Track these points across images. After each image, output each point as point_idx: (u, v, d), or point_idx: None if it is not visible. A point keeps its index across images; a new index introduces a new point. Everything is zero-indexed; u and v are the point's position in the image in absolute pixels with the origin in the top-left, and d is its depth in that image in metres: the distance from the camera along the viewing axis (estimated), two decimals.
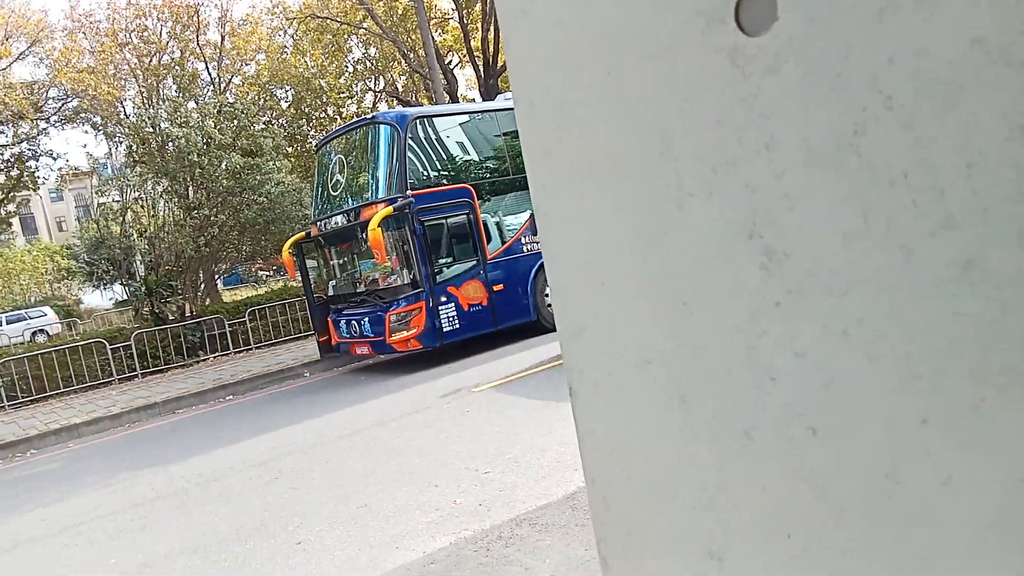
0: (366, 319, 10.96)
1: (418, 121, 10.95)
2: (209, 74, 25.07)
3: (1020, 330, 0.43)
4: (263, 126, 20.09)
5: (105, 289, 21.96)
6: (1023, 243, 0.42)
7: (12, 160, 22.20)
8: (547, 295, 11.46)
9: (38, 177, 23.77)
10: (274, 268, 29.14)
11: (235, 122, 17.31)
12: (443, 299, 10.52)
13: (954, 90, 0.43)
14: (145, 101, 22.07)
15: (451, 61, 26.38)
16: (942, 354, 0.46)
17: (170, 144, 16.55)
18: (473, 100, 24.55)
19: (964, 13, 0.42)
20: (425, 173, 10.88)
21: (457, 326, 10.61)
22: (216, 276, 21.16)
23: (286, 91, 26.05)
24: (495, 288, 10.95)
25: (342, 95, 26.88)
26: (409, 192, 10.38)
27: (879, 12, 0.45)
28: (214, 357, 15.96)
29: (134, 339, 14.98)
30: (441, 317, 10.47)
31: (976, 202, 0.44)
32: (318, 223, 11.95)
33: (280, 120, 24.47)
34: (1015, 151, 0.42)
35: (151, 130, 16.90)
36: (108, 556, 5.20)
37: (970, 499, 0.46)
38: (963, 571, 0.47)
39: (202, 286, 19.09)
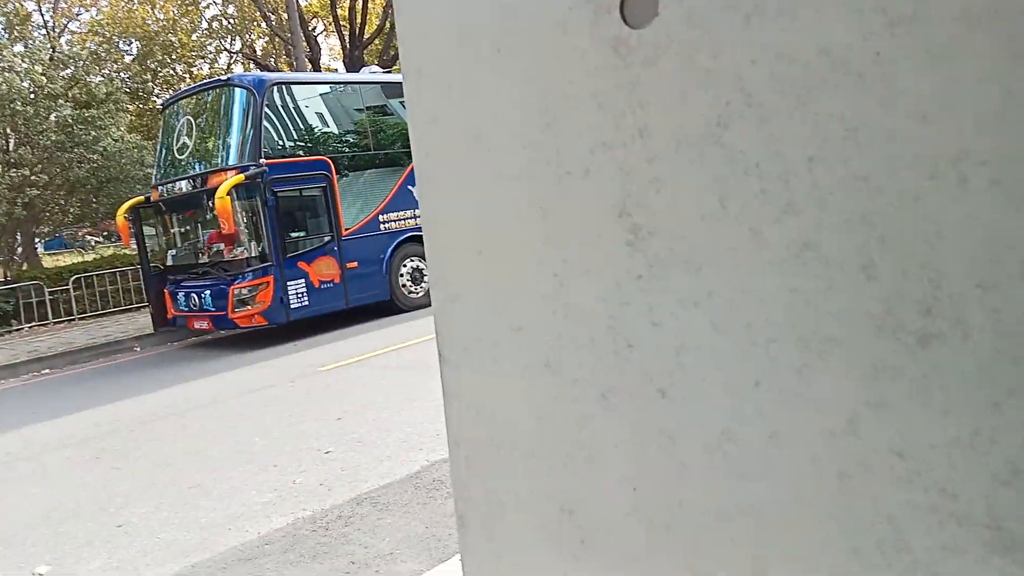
0: (207, 292, 10.37)
1: (276, 87, 10.48)
2: (42, 15, 22.60)
3: (841, 305, 0.50)
4: (101, 77, 18.36)
5: None
6: (850, 229, 0.49)
7: None
8: (402, 275, 11.38)
9: None
10: (104, 233, 26.82)
11: (68, 71, 15.73)
12: (293, 274, 10.16)
13: (803, 92, 0.50)
14: None
15: (315, 28, 25.41)
16: (777, 324, 0.53)
17: None
18: (336, 71, 23.76)
19: (815, 24, 0.48)
20: (280, 143, 10.43)
21: (306, 303, 10.29)
22: (37, 240, 19.19)
23: (131, 44, 23.97)
24: (349, 265, 10.71)
25: (194, 53, 25.16)
26: (263, 161, 9.92)
27: (747, 17, 0.51)
28: (29, 327, 14.49)
29: None
30: (289, 293, 10.11)
31: (815, 192, 0.50)
32: (160, 187, 11.15)
33: (123, 75, 22.46)
34: (848, 149, 0.49)
35: None
36: None
37: (792, 451, 0.54)
38: (785, 516, 0.54)
39: (19, 249, 17.24)
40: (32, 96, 15.00)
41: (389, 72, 13.21)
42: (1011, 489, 0.45)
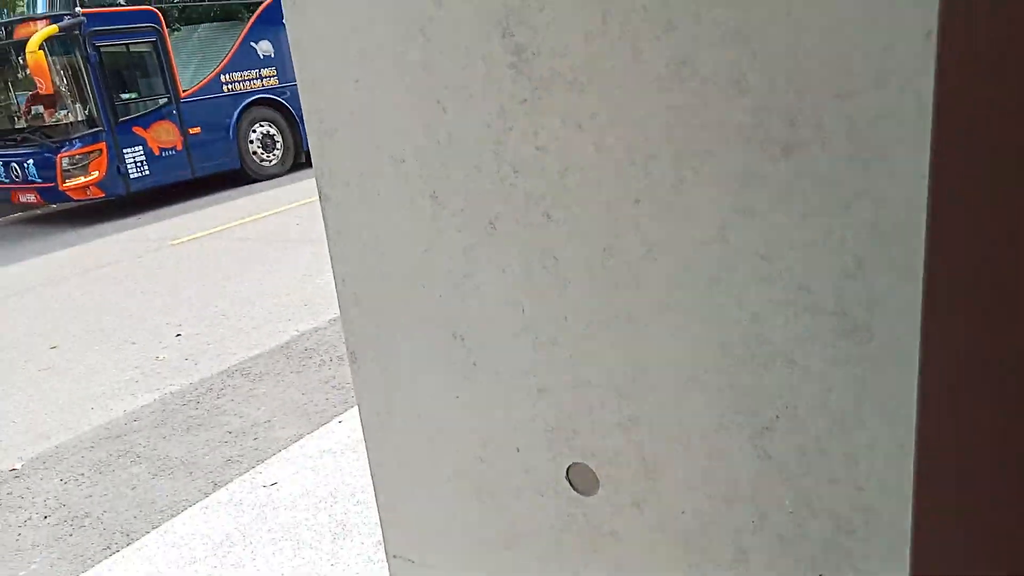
0: (30, 161, 9.34)
1: None
2: None
3: (716, 118, 0.53)
4: None
5: None
6: (724, 44, 0.51)
7: None
8: (252, 141, 10.72)
9: None
10: None
11: None
12: (128, 141, 9.30)
13: None
14: None
15: None
16: (655, 142, 0.56)
17: None
18: None
19: None
20: None
21: (147, 172, 9.53)
22: None
23: None
24: (191, 131, 9.93)
25: None
26: (79, 10, 8.76)
27: None
28: None
29: None
30: (126, 161, 9.29)
31: (692, 7, 0.52)
32: None
33: None
34: None
35: None
36: None
37: (665, 262, 0.58)
38: (660, 320, 0.59)
39: None
40: None
41: None
42: (856, 281, 0.52)
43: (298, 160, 11.38)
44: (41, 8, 8.94)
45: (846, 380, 0.54)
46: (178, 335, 4.90)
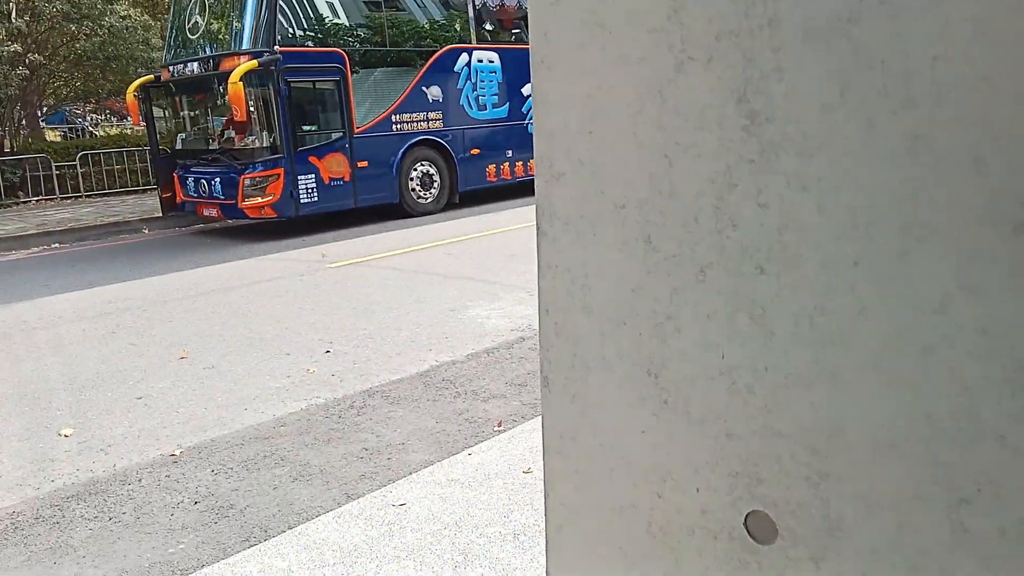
0: (217, 179, 10.36)
1: None
2: None
3: (946, 195, 0.55)
4: None
5: None
6: (963, 126, 0.54)
7: None
8: (412, 179, 11.32)
9: None
10: (107, 112, 26.37)
11: None
12: (303, 168, 10.13)
13: None
14: None
15: None
16: (881, 211, 0.59)
17: None
18: None
19: None
20: (292, 31, 10.18)
21: (316, 198, 10.31)
22: (40, 113, 18.91)
23: None
24: (359, 164, 10.67)
25: None
26: (277, 48, 9.71)
27: None
28: (36, 200, 14.52)
29: None
30: (300, 187, 10.10)
31: (934, 88, 0.55)
32: (170, 68, 10.94)
33: None
34: (975, 53, 0.53)
35: None
36: None
37: (879, 326, 0.60)
38: (865, 383, 0.61)
39: (23, 121, 17.03)
40: None
41: None
42: None
43: (452, 200, 11.91)
44: (245, 44, 9.98)
45: None
46: (327, 351, 5.22)
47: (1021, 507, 0.57)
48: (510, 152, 12.31)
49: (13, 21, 15.10)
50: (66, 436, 4.07)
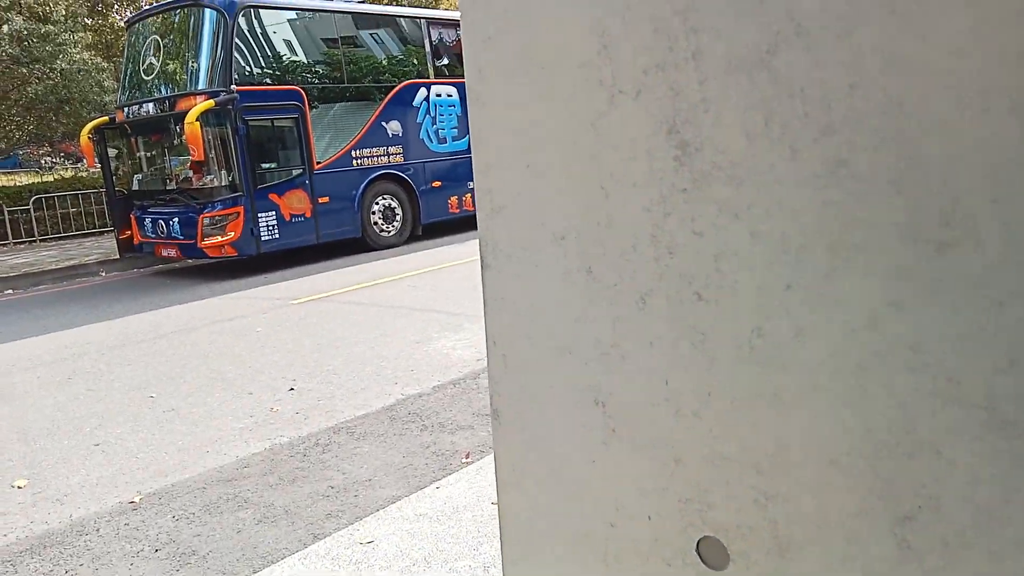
0: (175, 219, 10.22)
1: (250, 10, 10.14)
2: None
3: (869, 215, 0.57)
4: None
5: None
6: (881, 149, 0.56)
7: None
8: (374, 212, 11.30)
9: None
10: (62, 155, 25.97)
11: None
12: (263, 206, 10.05)
13: (849, 23, 0.55)
14: None
15: None
16: (809, 233, 0.60)
17: None
18: None
19: None
20: (249, 69, 10.15)
21: (277, 235, 10.22)
22: None
23: None
24: (320, 200, 10.63)
25: None
26: (234, 87, 9.68)
27: None
28: None
29: None
30: (260, 224, 10.02)
31: (852, 115, 0.57)
32: (125, 109, 10.83)
33: None
34: (888, 80, 0.55)
35: None
36: None
37: (815, 346, 0.61)
38: (805, 402, 0.62)
39: None
40: None
41: (363, 3, 12.84)
42: (1008, 377, 0.53)
43: (415, 232, 11.91)
44: (202, 84, 9.93)
45: (994, 475, 0.55)
46: (291, 389, 5.15)
47: (960, 519, 0.58)
48: (471, 184, 12.34)
49: None
50: (19, 488, 3.94)
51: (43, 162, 27.52)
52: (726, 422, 0.66)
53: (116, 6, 22.11)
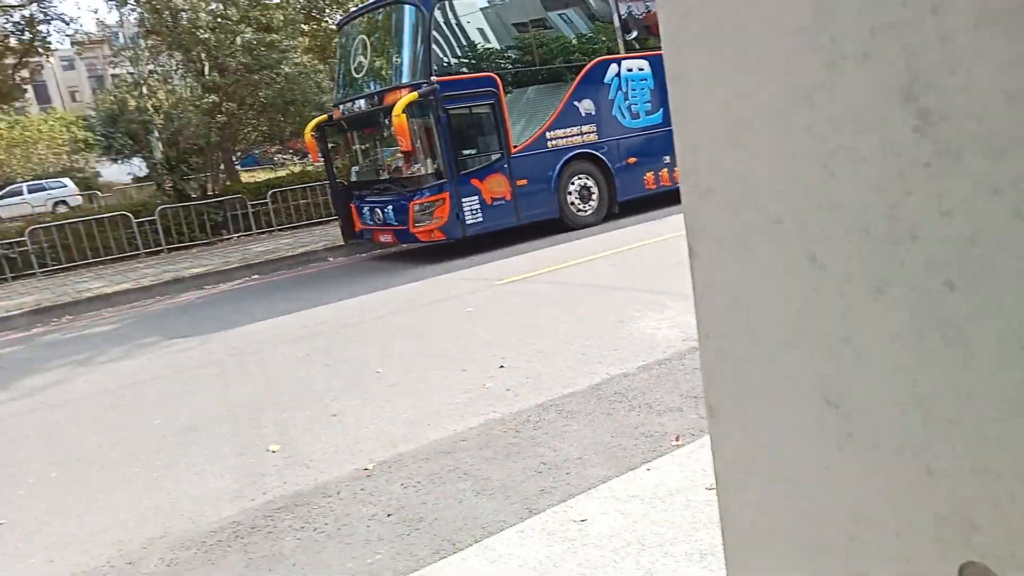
0: (390, 207, 11.00)
1: (444, 3, 10.57)
2: None
3: None
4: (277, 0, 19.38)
5: (123, 163, 21.62)
6: None
7: (23, 23, 20.95)
8: (571, 193, 11.38)
9: (50, 42, 22.54)
10: (291, 151, 28.91)
11: None
12: (467, 191, 10.50)
13: None
14: None
15: None
16: None
17: (183, 15, 16.12)
18: None
19: None
20: (446, 60, 10.58)
21: (480, 219, 10.64)
22: (234, 157, 21.13)
23: None
24: (519, 183, 10.89)
25: None
26: (434, 78, 10.16)
27: None
28: (237, 236, 16.24)
29: (158, 214, 15.21)
30: (464, 209, 10.48)
31: None
32: (340, 106, 11.78)
33: None
34: None
35: None
36: (153, 416, 5.48)
37: None
38: None
39: (220, 166, 19.10)
40: (216, 21, 16.18)
41: None
42: None
43: (611, 211, 11.83)
44: (405, 78, 10.52)
45: None
46: (502, 366, 5.35)
47: None
48: (667, 158, 12.01)
49: (206, 76, 16.93)
50: (273, 452, 4.46)
51: (276, 159, 30.85)
52: (992, 431, 0.57)
53: (327, 11, 24.05)
